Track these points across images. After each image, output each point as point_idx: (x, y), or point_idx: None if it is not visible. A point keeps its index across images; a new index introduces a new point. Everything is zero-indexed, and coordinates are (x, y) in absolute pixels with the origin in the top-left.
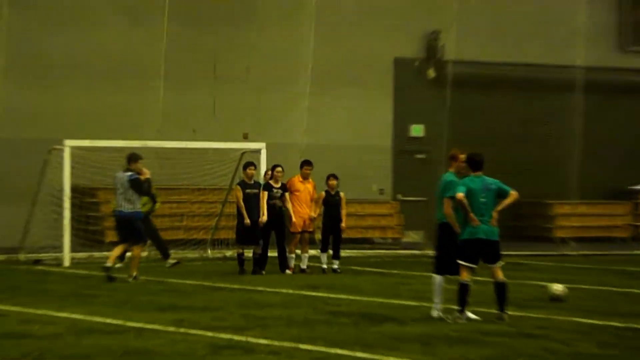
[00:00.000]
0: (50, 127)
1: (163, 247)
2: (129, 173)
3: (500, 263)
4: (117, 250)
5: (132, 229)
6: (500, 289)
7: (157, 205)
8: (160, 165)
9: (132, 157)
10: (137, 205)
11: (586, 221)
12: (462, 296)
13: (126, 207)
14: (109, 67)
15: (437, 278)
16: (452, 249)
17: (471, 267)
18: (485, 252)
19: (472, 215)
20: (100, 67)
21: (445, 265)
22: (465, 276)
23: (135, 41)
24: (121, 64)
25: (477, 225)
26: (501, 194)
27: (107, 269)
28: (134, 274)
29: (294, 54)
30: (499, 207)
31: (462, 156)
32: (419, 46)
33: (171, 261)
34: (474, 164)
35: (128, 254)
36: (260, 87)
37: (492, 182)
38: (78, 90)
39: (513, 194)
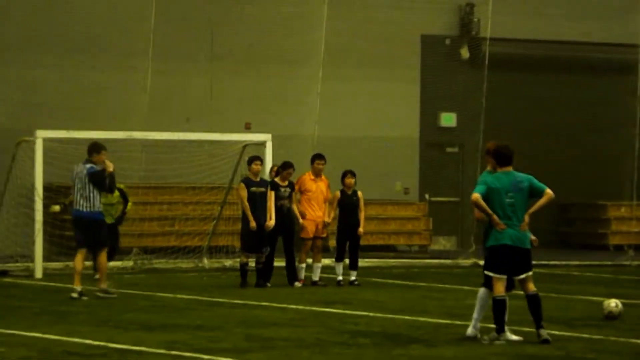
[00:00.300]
0: (18, 115)
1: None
2: (89, 165)
3: (530, 273)
4: (78, 263)
5: (91, 233)
6: (533, 303)
7: (129, 205)
8: (148, 160)
9: (94, 148)
10: (97, 203)
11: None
12: (498, 314)
13: (84, 206)
14: (87, 42)
15: (482, 291)
16: None
17: (502, 279)
18: (513, 261)
19: (494, 218)
20: (77, 43)
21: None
22: (499, 290)
23: (119, 11)
24: (101, 39)
25: (502, 229)
26: (534, 193)
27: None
28: (103, 286)
29: (304, 29)
30: (532, 209)
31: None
32: (451, 22)
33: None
34: (501, 157)
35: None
36: (264, 68)
37: (524, 178)
38: (50, 70)
39: (548, 193)
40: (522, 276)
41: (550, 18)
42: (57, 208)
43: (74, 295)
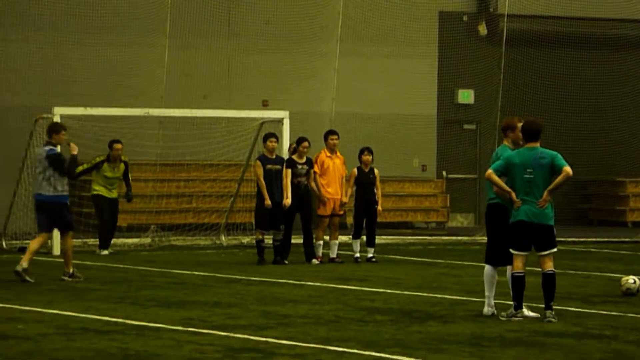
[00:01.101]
0: (36, 92)
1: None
2: (48, 148)
3: (552, 251)
4: (35, 243)
5: (56, 217)
6: (548, 282)
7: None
8: (165, 137)
9: (53, 128)
10: (60, 186)
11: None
12: (517, 290)
13: (47, 190)
14: (104, 20)
15: (487, 269)
16: (501, 234)
17: (522, 255)
18: (532, 237)
19: (510, 194)
20: (94, 20)
21: (494, 254)
22: (517, 267)
23: None
24: (119, 16)
25: (518, 206)
26: (555, 170)
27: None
28: (70, 270)
29: (321, 6)
30: (550, 187)
31: (521, 125)
32: None
33: (105, 252)
34: (529, 133)
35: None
36: (281, 45)
37: (547, 154)
38: (68, 48)
39: (565, 171)
40: (543, 253)
41: None
42: None
43: (18, 268)
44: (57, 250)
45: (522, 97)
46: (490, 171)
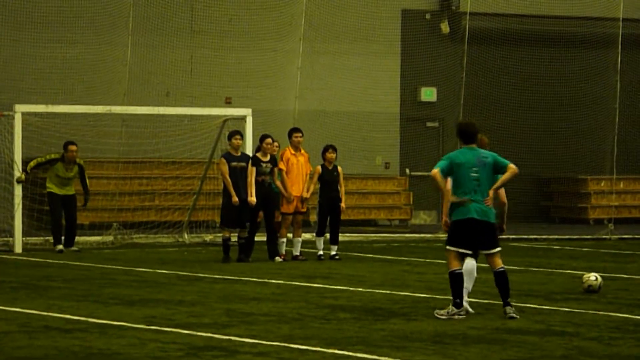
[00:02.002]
0: None
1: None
2: None
3: (499, 249)
4: None
5: None
6: (501, 279)
7: (22, 176)
8: (128, 134)
9: None
10: None
11: (627, 200)
12: (456, 287)
13: None
14: (67, 16)
15: (468, 263)
16: None
17: (464, 254)
18: (479, 236)
19: (447, 195)
20: (56, 16)
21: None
22: (455, 264)
23: None
24: (82, 13)
25: (465, 203)
26: (498, 169)
27: None
28: None
29: (284, 3)
30: (495, 185)
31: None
32: None
33: (59, 247)
34: (466, 134)
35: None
36: (245, 43)
37: (488, 154)
38: (29, 45)
39: (511, 168)
40: (493, 251)
41: None
42: (22, 177)
43: None
44: (18, 248)
45: (485, 94)
46: (436, 170)
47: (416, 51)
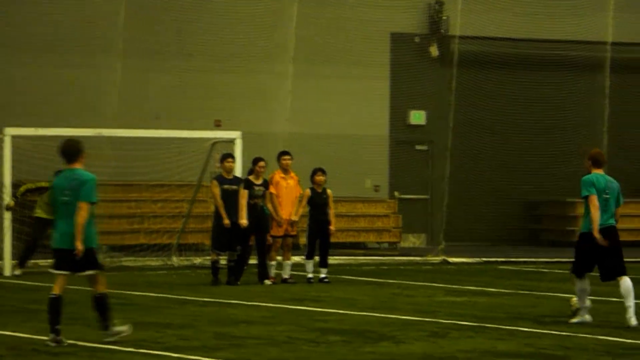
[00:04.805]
0: None
1: (25, 255)
2: None
3: (90, 272)
4: None
5: None
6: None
7: (10, 202)
8: (117, 157)
9: None
10: None
11: (625, 223)
12: (53, 314)
13: None
14: (56, 40)
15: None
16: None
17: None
18: None
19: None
20: (46, 40)
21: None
22: (55, 289)
23: (89, 8)
24: (71, 36)
25: None
26: None
27: None
28: None
29: (274, 27)
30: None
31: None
32: (420, 19)
33: (17, 272)
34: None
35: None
36: (235, 65)
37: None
38: (18, 67)
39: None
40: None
41: (519, 16)
42: (12, 203)
43: None
44: (7, 271)
45: (474, 118)
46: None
47: (405, 74)
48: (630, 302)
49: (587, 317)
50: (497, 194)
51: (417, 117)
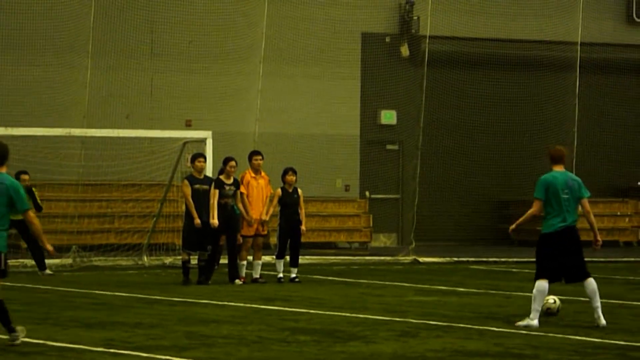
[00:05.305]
0: None
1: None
2: None
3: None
4: None
5: None
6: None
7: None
8: (87, 156)
9: None
10: None
11: (585, 223)
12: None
13: None
14: (25, 39)
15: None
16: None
17: None
18: None
19: None
20: (15, 39)
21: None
22: None
23: (58, 8)
24: (40, 35)
25: None
26: None
27: None
28: None
29: (245, 26)
30: None
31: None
32: (391, 19)
33: None
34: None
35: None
36: (205, 65)
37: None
38: None
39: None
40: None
41: (489, 16)
42: None
43: None
44: None
45: (444, 117)
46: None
47: (376, 74)
48: (597, 303)
49: (535, 322)
50: (467, 194)
51: (388, 116)
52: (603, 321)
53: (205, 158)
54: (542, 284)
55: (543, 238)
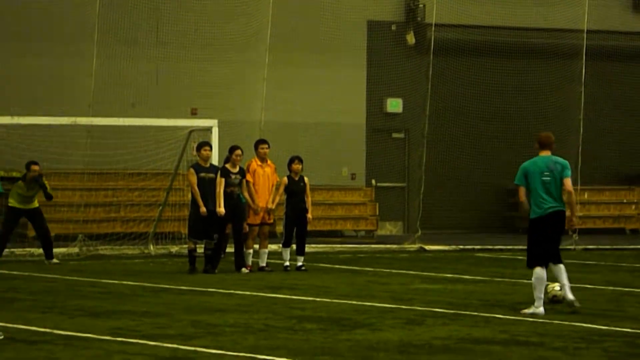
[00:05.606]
0: None
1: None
2: None
3: None
4: None
5: None
6: None
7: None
8: (93, 145)
9: None
10: None
11: (591, 210)
12: None
13: None
14: (32, 28)
15: (537, 271)
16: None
17: None
18: None
19: None
20: (21, 29)
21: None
22: None
23: None
24: (46, 24)
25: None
26: None
27: None
28: None
29: (250, 14)
30: None
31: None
32: (396, 7)
33: None
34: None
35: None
36: (210, 54)
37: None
38: None
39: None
40: None
41: (495, 4)
42: None
43: None
44: None
45: (450, 105)
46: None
47: (382, 62)
48: (565, 281)
49: (540, 310)
50: (473, 182)
51: (394, 105)
52: (571, 296)
53: (211, 146)
54: (538, 272)
55: (530, 224)
